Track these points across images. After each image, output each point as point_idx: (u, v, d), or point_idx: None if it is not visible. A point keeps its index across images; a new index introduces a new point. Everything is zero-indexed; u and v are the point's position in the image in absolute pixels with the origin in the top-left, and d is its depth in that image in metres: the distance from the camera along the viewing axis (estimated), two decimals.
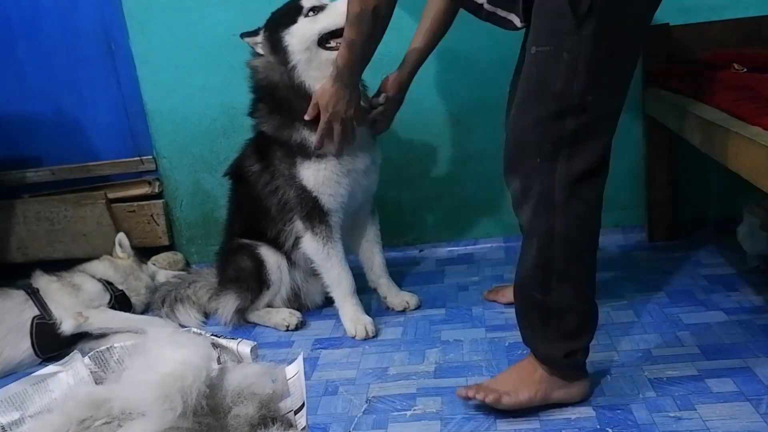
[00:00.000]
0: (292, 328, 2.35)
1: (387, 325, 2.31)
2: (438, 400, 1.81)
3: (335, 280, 2.30)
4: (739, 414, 1.59)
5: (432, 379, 1.93)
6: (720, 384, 1.72)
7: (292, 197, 2.25)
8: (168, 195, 3.05)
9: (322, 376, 2.02)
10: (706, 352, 1.87)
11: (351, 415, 1.80)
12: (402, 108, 2.30)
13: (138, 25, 2.84)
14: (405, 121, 2.58)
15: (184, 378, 1.01)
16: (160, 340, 1.10)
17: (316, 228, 2.24)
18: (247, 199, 2.38)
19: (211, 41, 2.81)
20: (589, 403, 1.71)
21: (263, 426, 1.10)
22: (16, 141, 3.04)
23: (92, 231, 3.01)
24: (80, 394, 1.06)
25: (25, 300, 2.41)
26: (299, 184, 2.22)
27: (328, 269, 2.29)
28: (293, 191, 2.24)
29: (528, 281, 1.63)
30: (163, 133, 2.95)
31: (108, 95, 2.95)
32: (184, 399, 1.00)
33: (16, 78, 2.96)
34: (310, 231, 2.25)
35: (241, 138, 2.51)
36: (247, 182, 2.36)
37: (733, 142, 1.67)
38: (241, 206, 2.46)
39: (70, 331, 2.36)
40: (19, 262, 3.01)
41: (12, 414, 1.10)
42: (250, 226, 2.41)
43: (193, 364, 1.04)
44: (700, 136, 1.91)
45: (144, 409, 0.98)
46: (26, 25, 2.91)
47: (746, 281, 2.27)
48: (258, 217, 2.37)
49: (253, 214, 2.39)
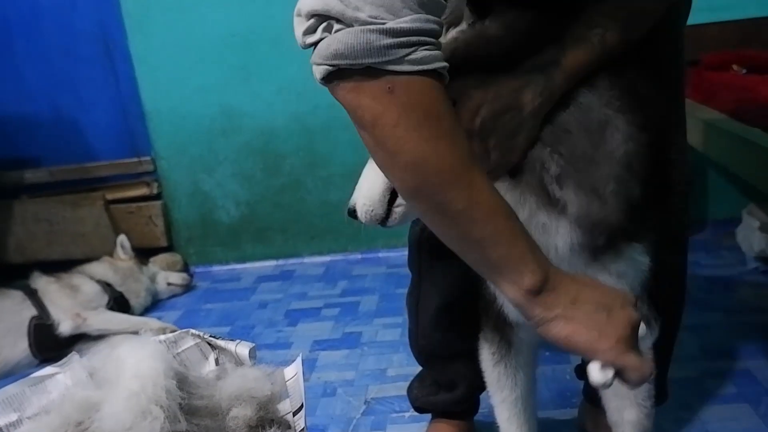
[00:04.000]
0: None
1: (385, 326, 2.30)
2: None
3: None
4: (738, 415, 1.59)
5: None
6: (719, 385, 1.71)
7: None
8: (166, 196, 3.04)
9: (320, 378, 2.02)
10: (706, 353, 1.87)
11: (350, 416, 1.80)
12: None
13: (136, 25, 2.83)
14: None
15: (145, 389, 1.01)
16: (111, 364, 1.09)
17: None
18: None
19: (209, 41, 2.81)
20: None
21: (261, 428, 1.09)
22: (14, 141, 3.03)
23: (91, 232, 3.01)
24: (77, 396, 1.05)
25: (23, 301, 2.40)
26: None
27: None
28: None
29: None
30: (162, 134, 2.95)
31: (106, 95, 2.95)
32: (159, 404, 1.00)
33: (15, 78, 2.95)
34: None
35: (240, 138, 2.49)
36: None
37: (732, 143, 1.67)
38: None
39: (68, 332, 2.36)
40: (17, 263, 3.00)
41: (10, 415, 1.09)
42: None
43: (146, 371, 1.04)
44: (700, 137, 1.91)
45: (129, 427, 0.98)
46: (24, 25, 2.90)
47: (746, 282, 2.27)
48: None
49: None
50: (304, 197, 2.99)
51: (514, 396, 1.32)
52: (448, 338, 1.54)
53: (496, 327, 1.29)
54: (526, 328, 1.21)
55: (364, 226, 1.13)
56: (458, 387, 1.59)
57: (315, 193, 2.98)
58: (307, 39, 0.80)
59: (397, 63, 0.78)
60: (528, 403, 1.34)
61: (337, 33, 0.78)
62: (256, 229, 3.05)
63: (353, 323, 2.38)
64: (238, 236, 3.06)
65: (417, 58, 0.78)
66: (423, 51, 0.79)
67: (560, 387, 1.77)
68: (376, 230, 2.63)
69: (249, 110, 2.87)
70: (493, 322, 1.29)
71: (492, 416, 1.71)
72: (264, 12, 2.17)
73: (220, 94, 2.85)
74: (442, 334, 1.54)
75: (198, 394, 1.10)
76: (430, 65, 0.80)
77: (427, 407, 1.67)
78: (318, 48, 0.80)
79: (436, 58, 0.80)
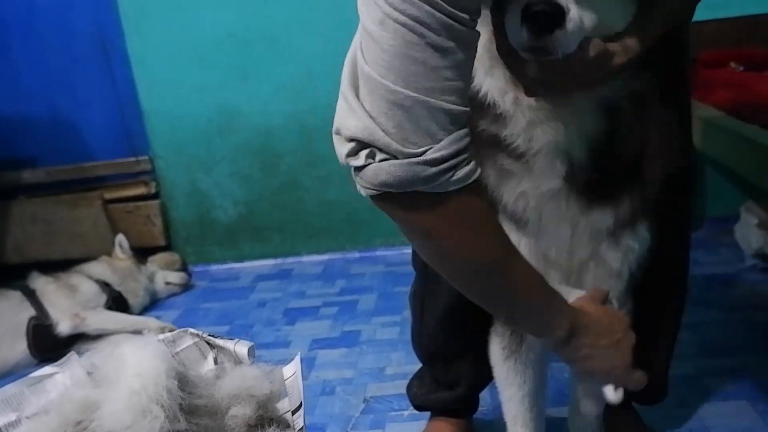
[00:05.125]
0: None
1: (384, 325, 2.30)
2: None
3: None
4: (736, 412, 1.59)
5: None
6: (717, 382, 1.72)
7: None
8: (164, 195, 3.04)
9: (319, 376, 2.02)
10: (704, 351, 1.87)
11: (348, 415, 1.80)
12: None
13: (134, 25, 2.83)
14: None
15: (146, 388, 1.01)
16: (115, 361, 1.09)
17: None
18: None
19: (207, 41, 2.80)
20: None
21: (260, 427, 1.09)
22: (12, 142, 3.03)
23: (88, 232, 3.01)
24: (76, 396, 1.05)
25: (21, 301, 2.40)
26: None
27: None
28: None
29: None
30: (159, 134, 2.95)
31: (103, 95, 2.94)
32: (160, 403, 1.00)
33: (11, 78, 2.95)
34: None
35: (237, 138, 2.49)
36: None
37: (730, 140, 1.67)
38: None
39: (67, 332, 2.36)
40: (15, 264, 2.99)
41: (9, 415, 1.09)
42: None
43: (148, 370, 1.04)
44: (697, 134, 1.91)
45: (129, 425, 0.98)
46: (21, 26, 2.90)
47: (744, 280, 2.28)
48: None
49: None
50: (302, 196, 2.99)
51: (522, 393, 1.33)
52: (453, 338, 1.54)
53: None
54: None
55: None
56: (459, 386, 1.59)
57: (313, 192, 2.98)
58: (350, 161, 0.87)
59: (442, 186, 0.86)
60: (536, 401, 1.34)
61: (383, 163, 0.84)
62: (255, 229, 3.05)
63: (352, 322, 2.38)
64: (236, 235, 3.06)
65: (458, 178, 0.87)
66: (462, 170, 0.87)
67: (559, 386, 1.77)
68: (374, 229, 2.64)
69: (246, 110, 2.87)
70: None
71: (491, 415, 1.72)
72: (261, 12, 2.17)
73: (218, 93, 2.85)
74: (447, 335, 1.55)
75: (197, 393, 1.10)
76: (469, 180, 0.88)
77: (426, 405, 1.67)
78: (364, 173, 0.86)
79: (473, 172, 0.89)
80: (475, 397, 1.64)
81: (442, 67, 0.82)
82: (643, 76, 1.05)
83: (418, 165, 0.84)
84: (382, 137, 0.83)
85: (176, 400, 1.03)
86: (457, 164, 0.86)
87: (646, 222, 1.15)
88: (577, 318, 1.05)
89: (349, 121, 0.85)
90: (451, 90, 0.84)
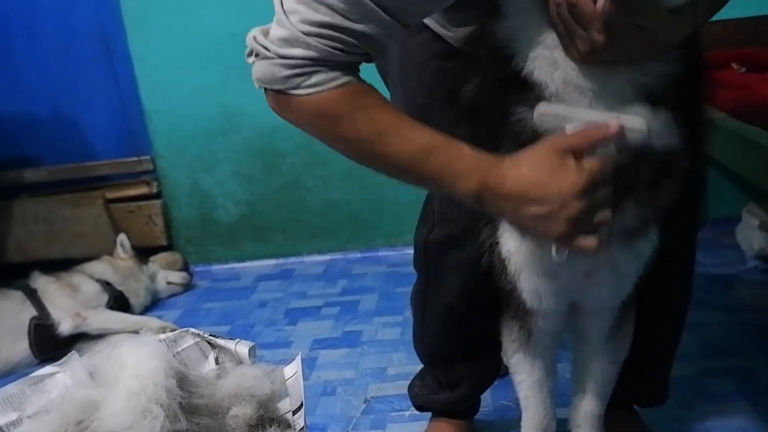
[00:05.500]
0: None
1: (385, 325, 2.30)
2: None
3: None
4: (737, 414, 1.59)
5: None
6: (719, 384, 1.72)
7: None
8: (166, 195, 3.04)
9: (320, 377, 2.02)
10: (705, 352, 1.87)
11: (349, 415, 1.80)
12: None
13: (136, 24, 2.83)
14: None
15: (146, 388, 1.01)
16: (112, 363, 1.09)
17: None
18: None
19: (209, 41, 2.81)
20: None
21: (261, 427, 1.10)
22: (14, 141, 3.03)
23: (90, 231, 3.01)
24: (77, 396, 1.06)
25: (23, 301, 2.40)
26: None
27: None
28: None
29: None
30: (161, 133, 2.95)
31: (106, 95, 2.95)
32: (160, 403, 1.00)
33: (14, 78, 2.95)
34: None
35: (239, 137, 2.49)
36: None
37: (732, 142, 1.67)
38: None
39: (68, 332, 2.36)
40: (17, 263, 3.00)
41: (10, 415, 1.10)
42: None
43: (146, 371, 1.04)
44: None
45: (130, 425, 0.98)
46: (24, 25, 2.90)
47: (745, 281, 2.27)
48: None
49: None
50: (304, 196, 2.99)
51: (532, 380, 1.39)
52: (455, 340, 1.54)
53: (515, 315, 1.33)
54: (545, 316, 1.28)
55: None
56: (460, 387, 1.59)
57: (315, 192, 2.98)
58: (248, 60, 1.08)
59: (297, 88, 1.01)
60: (545, 387, 1.40)
61: (255, 62, 1.05)
62: (256, 228, 3.05)
63: (353, 322, 2.38)
64: (237, 235, 3.06)
65: (311, 82, 1.00)
66: (318, 76, 1.00)
67: (560, 386, 1.76)
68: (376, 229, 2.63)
69: (248, 109, 2.86)
70: (512, 310, 1.33)
71: (492, 416, 1.73)
72: (263, 11, 2.14)
73: (220, 93, 2.85)
74: (450, 336, 1.55)
75: (198, 392, 1.10)
76: (324, 86, 1.00)
77: (427, 406, 1.67)
78: (252, 71, 1.06)
79: (329, 79, 1.00)
80: (476, 398, 1.64)
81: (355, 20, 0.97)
82: (676, 70, 1.07)
83: (275, 66, 1.00)
84: (251, 42, 1.04)
85: (176, 399, 1.03)
86: (311, 72, 0.99)
87: (657, 224, 1.16)
88: (489, 185, 1.01)
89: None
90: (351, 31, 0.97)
